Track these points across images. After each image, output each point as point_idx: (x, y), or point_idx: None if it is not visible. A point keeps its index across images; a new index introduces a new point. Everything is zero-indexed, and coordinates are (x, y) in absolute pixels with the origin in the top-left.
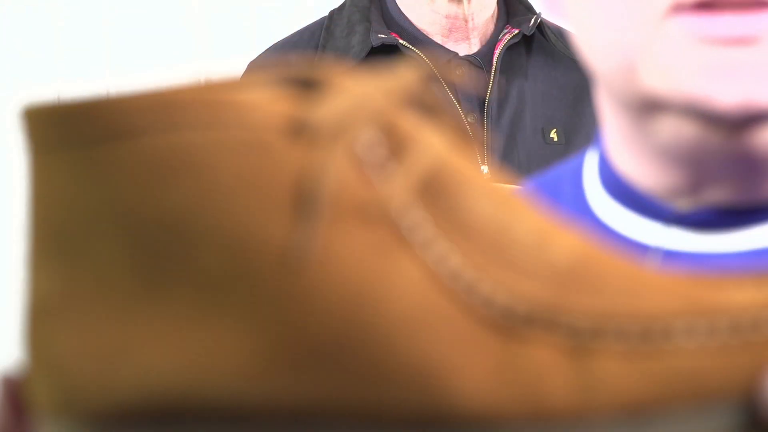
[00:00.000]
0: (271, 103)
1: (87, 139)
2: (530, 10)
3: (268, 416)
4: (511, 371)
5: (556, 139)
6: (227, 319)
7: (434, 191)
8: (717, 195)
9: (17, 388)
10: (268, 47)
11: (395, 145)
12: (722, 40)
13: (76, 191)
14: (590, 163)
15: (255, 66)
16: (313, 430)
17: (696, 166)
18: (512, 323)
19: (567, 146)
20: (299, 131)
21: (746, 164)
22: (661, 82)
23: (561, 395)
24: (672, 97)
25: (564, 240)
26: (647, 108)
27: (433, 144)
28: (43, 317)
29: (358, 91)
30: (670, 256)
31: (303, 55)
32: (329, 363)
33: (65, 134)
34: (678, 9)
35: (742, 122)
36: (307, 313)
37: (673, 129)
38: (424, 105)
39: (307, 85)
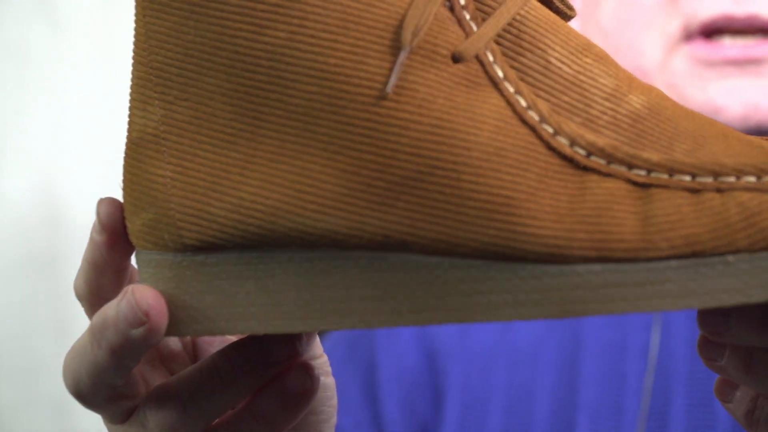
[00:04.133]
0: None
1: None
2: None
3: (352, 245)
4: (583, 201)
5: None
6: (317, 152)
7: (519, 44)
8: None
9: (118, 219)
10: None
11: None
12: (728, 61)
13: (182, 28)
14: None
15: None
16: (391, 256)
17: None
18: (590, 160)
19: None
20: None
21: None
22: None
23: (627, 225)
24: None
25: (637, 89)
26: None
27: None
28: (140, 150)
29: None
30: None
31: None
32: (414, 195)
33: None
34: (688, 36)
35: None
36: (396, 144)
37: None
38: None
39: None
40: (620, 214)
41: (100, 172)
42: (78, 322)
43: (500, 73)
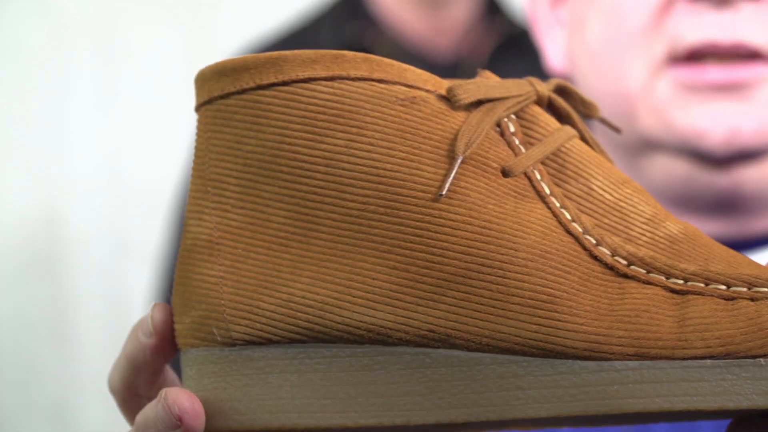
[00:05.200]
0: (430, 75)
1: (256, 85)
2: None
3: (397, 339)
4: (623, 303)
5: None
6: (369, 250)
7: (564, 171)
8: (706, 231)
9: (169, 324)
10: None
11: (533, 126)
12: (712, 85)
13: (243, 139)
14: None
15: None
16: (434, 353)
17: (686, 204)
18: (630, 269)
19: None
20: (453, 94)
21: (733, 201)
22: (657, 123)
23: (664, 325)
24: (666, 136)
25: (673, 220)
26: (642, 148)
27: (564, 129)
28: (193, 255)
29: (502, 81)
30: None
31: None
32: (461, 291)
33: (235, 81)
34: (672, 60)
35: (729, 159)
36: (447, 243)
37: (666, 168)
38: (557, 110)
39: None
40: (658, 315)
41: (100, 173)
42: (77, 323)
43: (547, 189)
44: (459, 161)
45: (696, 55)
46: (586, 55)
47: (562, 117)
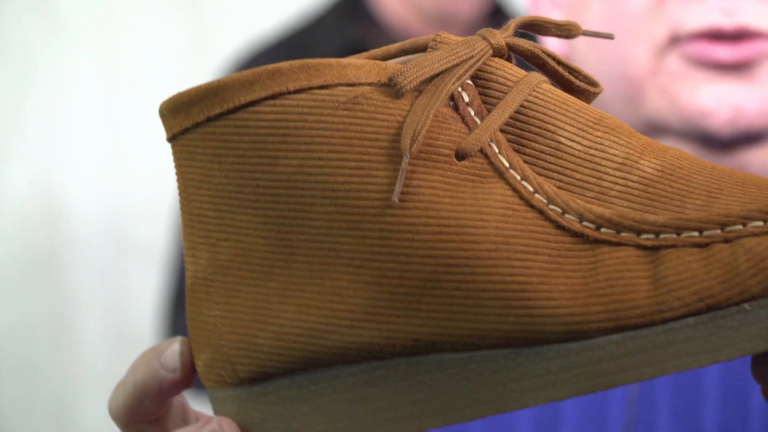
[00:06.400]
0: (373, 64)
1: (206, 117)
2: None
3: (388, 353)
4: (596, 274)
5: None
6: (343, 268)
7: (528, 129)
8: None
9: (191, 361)
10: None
11: (492, 85)
12: (716, 64)
13: (210, 171)
14: None
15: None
16: (426, 359)
17: None
18: (600, 233)
19: None
20: (394, 83)
21: None
22: (664, 102)
23: (640, 291)
24: (672, 117)
25: (650, 155)
26: (648, 132)
27: (526, 79)
28: (195, 295)
29: (450, 47)
30: None
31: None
32: (434, 295)
33: (188, 116)
34: (676, 40)
35: (733, 142)
36: (410, 249)
37: None
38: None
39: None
40: (632, 281)
41: (100, 173)
42: (77, 323)
43: (506, 163)
44: (405, 161)
45: (699, 39)
46: (587, 39)
47: (529, 59)
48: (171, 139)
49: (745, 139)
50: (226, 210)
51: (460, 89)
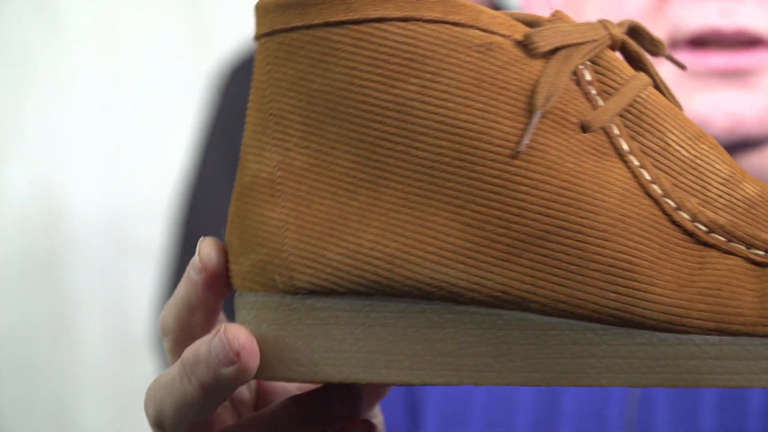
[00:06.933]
0: (505, 18)
1: (323, 21)
2: None
3: (468, 299)
4: (703, 274)
5: None
6: (442, 204)
7: (640, 124)
8: None
9: (217, 260)
10: None
11: (608, 74)
12: (714, 71)
13: (308, 76)
14: None
15: None
16: (507, 314)
17: None
18: (710, 237)
19: None
20: (531, 41)
21: None
22: None
23: (746, 300)
24: None
25: (750, 180)
26: None
27: (639, 77)
28: (252, 194)
29: (577, 26)
30: None
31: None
32: (538, 253)
33: (301, 15)
34: (674, 45)
35: (730, 147)
36: (524, 202)
37: None
38: (631, 54)
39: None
40: (739, 289)
41: (100, 173)
42: (77, 323)
43: (625, 146)
44: (537, 116)
45: (697, 42)
46: None
47: (634, 61)
48: (267, 34)
49: (742, 145)
50: (315, 118)
51: (582, 67)
